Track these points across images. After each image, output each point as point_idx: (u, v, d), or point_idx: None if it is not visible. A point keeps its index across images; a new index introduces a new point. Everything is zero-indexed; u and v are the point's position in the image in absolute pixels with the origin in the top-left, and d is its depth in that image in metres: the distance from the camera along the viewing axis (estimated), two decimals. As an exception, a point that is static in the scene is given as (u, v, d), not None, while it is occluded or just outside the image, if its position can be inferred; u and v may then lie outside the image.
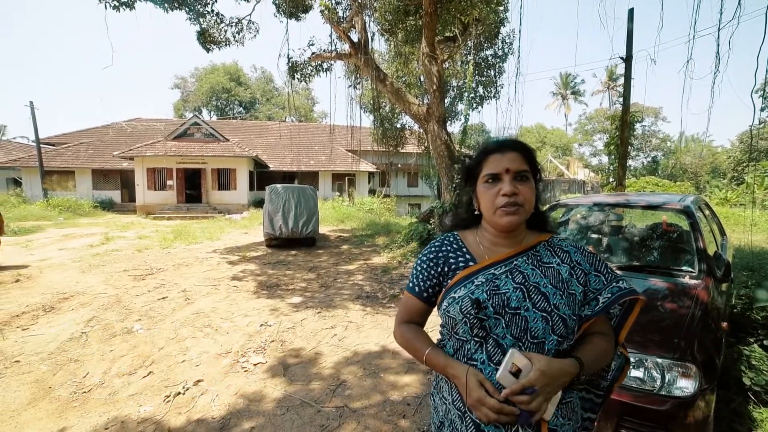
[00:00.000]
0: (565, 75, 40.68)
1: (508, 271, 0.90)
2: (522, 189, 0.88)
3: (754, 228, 9.54)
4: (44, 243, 8.92)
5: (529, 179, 0.90)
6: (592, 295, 0.91)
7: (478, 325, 0.86)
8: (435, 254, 0.98)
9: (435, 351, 0.93)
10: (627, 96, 8.52)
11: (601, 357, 0.89)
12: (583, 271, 0.92)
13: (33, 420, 2.31)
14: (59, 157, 19.30)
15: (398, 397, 2.54)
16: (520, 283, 0.88)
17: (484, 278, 0.90)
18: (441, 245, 1.00)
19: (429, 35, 7.06)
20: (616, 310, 0.97)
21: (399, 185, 24.55)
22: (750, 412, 2.18)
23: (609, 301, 0.89)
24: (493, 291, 0.87)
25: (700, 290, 2.05)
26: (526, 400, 0.77)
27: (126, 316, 4.09)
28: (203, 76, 36.83)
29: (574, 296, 0.89)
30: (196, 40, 8.60)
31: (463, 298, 0.88)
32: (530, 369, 0.78)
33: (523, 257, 0.92)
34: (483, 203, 0.93)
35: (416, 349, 0.96)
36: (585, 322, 0.91)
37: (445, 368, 0.90)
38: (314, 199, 8.63)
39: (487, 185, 0.91)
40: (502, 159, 0.90)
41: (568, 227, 3.44)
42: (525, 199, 0.88)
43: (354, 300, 4.76)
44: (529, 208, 0.90)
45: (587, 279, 0.92)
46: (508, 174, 0.88)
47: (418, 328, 1.01)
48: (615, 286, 0.91)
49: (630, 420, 1.59)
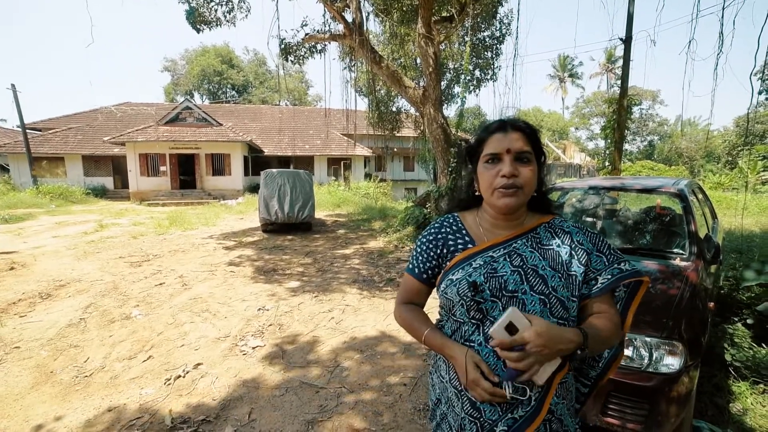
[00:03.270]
0: (563, 57, 40.06)
1: (506, 253, 0.90)
2: (522, 171, 0.86)
3: (745, 212, 9.69)
4: (37, 230, 8.83)
5: (531, 161, 0.87)
6: (592, 275, 0.89)
7: (475, 308, 0.87)
8: (434, 236, 0.98)
9: (433, 332, 0.94)
10: (625, 78, 8.43)
11: (606, 336, 0.85)
12: (585, 250, 0.90)
13: (37, 403, 2.35)
14: (47, 142, 18.85)
15: (396, 380, 2.61)
16: (518, 266, 0.88)
17: (482, 261, 0.89)
18: (441, 227, 0.99)
19: (425, 15, 6.87)
20: (621, 292, 0.95)
21: (395, 169, 24.42)
22: (730, 386, 2.27)
23: (608, 282, 0.87)
24: (491, 274, 0.87)
25: (690, 272, 2.10)
26: (512, 356, 0.76)
27: (124, 302, 4.11)
28: (194, 59, 35.73)
29: (574, 277, 0.88)
30: (185, 19, 8.29)
31: (461, 281, 0.88)
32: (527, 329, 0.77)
33: (523, 239, 0.91)
34: (482, 184, 0.91)
35: (415, 330, 0.97)
36: (582, 301, 0.90)
37: (443, 348, 0.91)
38: (310, 183, 8.57)
39: (488, 165, 0.89)
40: (504, 139, 0.87)
41: (563, 211, 3.46)
42: (525, 181, 0.86)
43: (351, 284, 4.81)
44: (528, 190, 0.88)
45: (589, 258, 0.90)
46: (509, 154, 0.86)
47: (418, 309, 1.02)
48: (616, 267, 0.89)
49: (617, 396, 1.66)
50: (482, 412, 0.87)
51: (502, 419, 0.85)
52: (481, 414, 0.87)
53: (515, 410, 0.84)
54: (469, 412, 0.89)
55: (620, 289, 0.94)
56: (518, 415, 0.85)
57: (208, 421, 2.18)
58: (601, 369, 0.98)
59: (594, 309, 0.89)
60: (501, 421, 0.85)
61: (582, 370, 0.99)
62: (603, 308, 0.89)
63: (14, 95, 17.17)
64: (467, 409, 0.89)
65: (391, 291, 4.54)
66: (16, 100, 17.18)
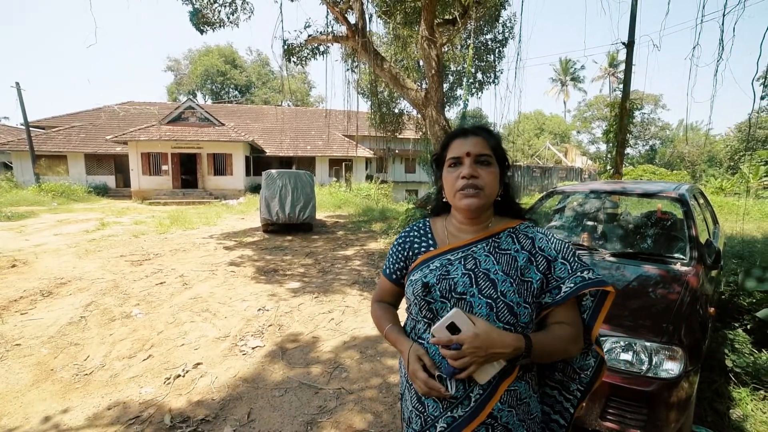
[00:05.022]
0: (565, 61, 40.13)
1: (463, 257, 0.92)
2: (482, 173, 0.88)
3: (747, 217, 9.67)
4: (39, 228, 8.86)
5: (491, 164, 0.90)
6: (555, 282, 0.88)
7: (426, 307, 0.90)
8: (404, 239, 1.04)
9: (392, 328, 0.99)
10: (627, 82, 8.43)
11: (557, 344, 0.85)
12: (545, 258, 0.90)
13: (37, 400, 2.36)
14: (50, 140, 18.93)
15: (395, 380, 2.60)
16: (470, 269, 0.89)
17: (439, 263, 0.93)
18: (411, 231, 1.04)
19: (428, 18, 6.90)
20: (588, 302, 0.92)
21: (396, 171, 24.46)
22: (730, 392, 2.27)
23: (571, 290, 0.86)
24: (443, 276, 0.90)
25: (691, 277, 2.10)
26: (448, 354, 0.80)
27: (124, 301, 4.12)
28: (197, 59, 35.87)
29: (529, 283, 0.87)
30: (189, 21, 8.34)
31: (417, 281, 0.92)
32: (469, 330, 0.79)
33: (483, 244, 0.93)
34: (446, 187, 0.94)
35: (380, 325, 1.03)
36: (544, 310, 0.89)
37: (395, 343, 0.96)
38: (311, 184, 8.59)
39: (450, 169, 0.92)
40: (465, 143, 0.91)
41: (564, 214, 3.47)
42: (485, 182, 0.88)
43: (351, 285, 4.81)
44: (489, 192, 0.90)
45: (550, 266, 0.89)
46: (468, 157, 0.89)
47: (387, 307, 1.08)
48: (579, 275, 0.87)
49: (617, 400, 1.66)
50: (426, 407, 0.90)
51: (443, 416, 0.87)
52: (425, 408, 0.90)
53: (455, 409, 0.86)
54: (415, 406, 0.93)
55: (587, 299, 0.92)
56: (458, 414, 0.86)
57: (208, 421, 2.18)
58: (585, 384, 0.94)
59: (556, 317, 0.89)
60: (441, 417, 0.88)
61: (564, 383, 0.97)
62: (564, 316, 0.88)
63: (18, 93, 17.27)
64: (414, 402, 0.93)
65: (391, 292, 4.54)
66: (20, 98, 17.28)
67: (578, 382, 0.95)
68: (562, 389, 0.98)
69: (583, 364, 0.95)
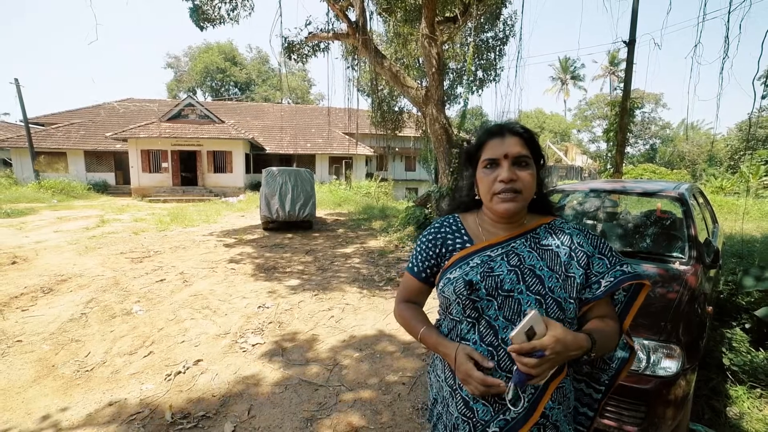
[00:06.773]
0: (565, 59, 39.99)
1: (504, 253, 0.89)
2: (521, 175, 0.86)
3: (746, 216, 9.68)
4: (39, 225, 8.86)
5: (530, 165, 0.88)
6: (594, 278, 0.88)
7: (470, 306, 0.87)
8: (434, 235, 0.98)
9: (429, 330, 0.94)
10: (628, 81, 8.41)
11: (609, 339, 0.85)
12: (585, 253, 0.89)
13: (39, 396, 2.37)
14: (50, 137, 18.89)
15: (394, 378, 2.62)
16: (515, 266, 0.87)
17: (479, 260, 0.89)
18: (441, 227, 0.99)
19: (429, 15, 6.87)
20: (620, 296, 0.94)
21: (396, 169, 24.43)
22: (727, 390, 2.28)
23: (611, 284, 0.86)
24: (487, 273, 0.87)
25: (689, 276, 2.11)
26: (532, 362, 0.74)
27: (125, 298, 4.13)
28: (197, 56, 35.76)
29: (572, 279, 0.87)
30: (189, 17, 8.31)
31: (458, 279, 0.88)
32: (544, 333, 0.75)
33: (522, 239, 0.91)
34: (481, 189, 0.91)
35: (412, 327, 0.98)
36: (585, 305, 0.89)
37: (437, 347, 0.91)
38: (311, 182, 8.59)
39: (486, 170, 0.89)
40: (502, 144, 0.87)
41: (563, 213, 3.47)
42: (524, 185, 0.86)
43: (351, 283, 4.83)
44: (528, 194, 0.88)
45: (589, 262, 0.89)
46: (506, 159, 0.86)
47: (416, 308, 1.02)
48: (618, 269, 0.87)
49: (615, 397, 1.67)
50: (475, 412, 0.87)
51: (495, 420, 0.85)
52: (474, 414, 0.87)
53: (508, 412, 0.84)
54: (462, 412, 0.89)
55: (619, 293, 0.94)
56: (510, 417, 0.84)
57: (208, 417, 2.19)
58: (614, 372, 0.96)
59: (597, 312, 0.89)
60: (493, 421, 0.85)
61: (593, 375, 0.98)
62: (605, 311, 0.89)
63: (18, 90, 17.21)
64: (460, 408, 0.89)
65: (390, 290, 4.55)
66: (19, 94, 17.22)
67: (607, 372, 0.96)
68: (591, 381, 0.98)
69: (611, 356, 0.96)
